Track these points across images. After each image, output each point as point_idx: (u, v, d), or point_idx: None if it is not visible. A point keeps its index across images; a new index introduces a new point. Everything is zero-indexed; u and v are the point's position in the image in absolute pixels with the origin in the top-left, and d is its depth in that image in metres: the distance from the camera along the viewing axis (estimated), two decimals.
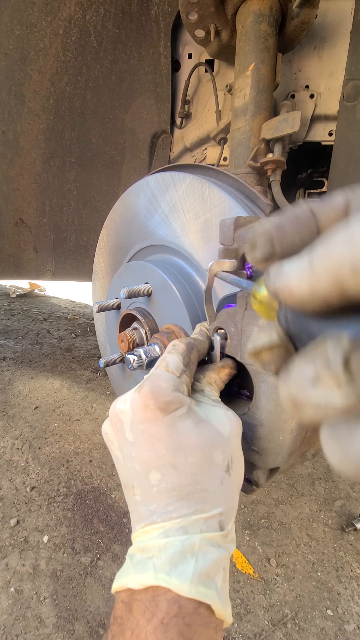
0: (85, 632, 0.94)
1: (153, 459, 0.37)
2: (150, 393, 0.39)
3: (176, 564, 0.33)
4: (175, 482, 0.36)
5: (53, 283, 4.61)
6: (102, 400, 1.99)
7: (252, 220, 0.50)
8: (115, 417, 0.41)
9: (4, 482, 1.39)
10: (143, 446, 0.38)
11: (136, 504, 0.38)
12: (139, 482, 0.38)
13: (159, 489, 0.37)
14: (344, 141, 0.98)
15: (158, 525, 0.36)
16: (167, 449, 0.37)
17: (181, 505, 0.36)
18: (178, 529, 0.35)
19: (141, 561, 0.35)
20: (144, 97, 1.26)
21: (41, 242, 1.63)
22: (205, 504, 0.36)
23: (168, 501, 0.36)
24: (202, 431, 0.38)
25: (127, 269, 0.91)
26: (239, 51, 0.90)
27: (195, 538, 0.34)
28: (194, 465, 0.37)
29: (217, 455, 0.38)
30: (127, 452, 0.40)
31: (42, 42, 1.26)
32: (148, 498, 0.37)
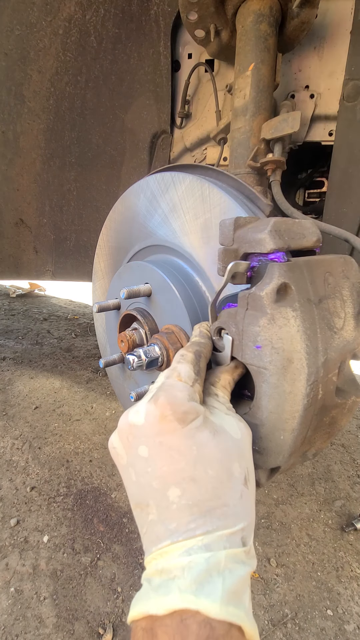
0: (85, 632, 0.94)
1: (172, 473, 0.35)
2: (167, 403, 0.37)
3: (203, 583, 0.31)
4: (197, 498, 0.34)
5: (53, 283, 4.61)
6: (102, 400, 1.99)
7: (252, 220, 0.50)
8: (126, 430, 0.39)
9: (4, 482, 1.39)
10: (161, 460, 0.36)
11: (151, 524, 0.36)
12: (155, 499, 0.36)
13: (179, 506, 0.34)
14: (344, 141, 0.98)
15: (180, 545, 0.33)
16: (187, 462, 0.35)
17: (204, 522, 0.34)
18: (201, 547, 0.33)
19: (162, 584, 0.32)
20: (144, 97, 1.26)
21: (41, 242, 1.63)
22: (227, 520, 0.34)
23: (190, 518, 0.34)
24: (220, 442, 0.37)
25: (127, 269, 0.91)
26: (239, 51, 0.89)
27: (220, 555, 0.32)
28: (215, 479, 0.35)
29: (235, 467, 0.36)
30: (140, 468, 0.37)
31: (42, 42, 1.26)
32: (167, 516, 0.35)
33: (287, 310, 0.42)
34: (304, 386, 0.43)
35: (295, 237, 0.47)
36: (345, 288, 0.50)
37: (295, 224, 0.48)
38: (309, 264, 0.46)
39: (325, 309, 0.46)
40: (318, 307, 0.45)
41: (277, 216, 0.59)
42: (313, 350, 0.43)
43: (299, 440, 0.45)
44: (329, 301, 0.47)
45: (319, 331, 0.44)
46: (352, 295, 0.50)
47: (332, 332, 0.46)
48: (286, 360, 0.42)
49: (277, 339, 0.42)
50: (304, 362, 0.42)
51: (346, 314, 0.49)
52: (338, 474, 1.61)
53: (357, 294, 0.51)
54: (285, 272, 0.43)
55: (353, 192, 0.99)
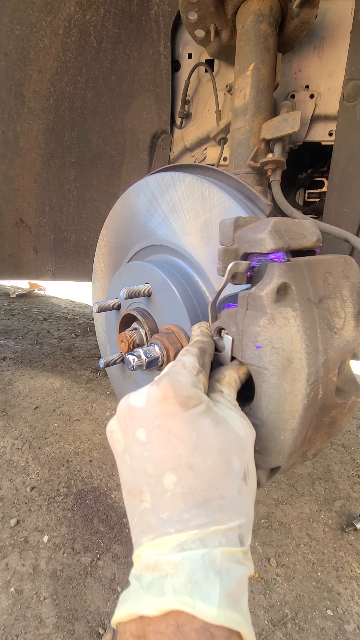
0: (85, 632, 0.94)
1: (168, 458, 0.34)
2: (169, 386, 0.36)
3: (199, 583, 0.28)
4: (193, 487, 0.33)
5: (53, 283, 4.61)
6: (102, 400, 1.99)
7: (252, 220, 0.50)
8: (125, 412, 0.38)
9: (4, 482, 1.39)
10: (158, 443, 0.35)
11: (143, 513, 0.34)
12: (149, 485, 0.34)
13: (174, 493, 0.33)
14: (344, 141, 0.98)
15: (172, 537, 0.31)
16: (185, 447, 0.34)
17: (198, 514, 0.32)
18: (195, 541, 0.30)
19: (154, 582, 0.30)
20: (144, 97, 1.26)
21: (41, 242, 1.63)
22: (223, 513, 0.32)
23: (184, 508, 0.32)
24: (221, 432, 0.36)
25: (127, 269, 0.91)
26: (239, 51, 0.89)
27: (216, 552, 0.30)
28: (213, 469, 0.33)
29: (234, 461, 0.35)
30: (136, 452, 0.36)
31: (42, 42, 1.26)
32: (160, 505, 0.33)
33: (287, 310, 0.42)
34: (304, 386, 0.43)
35: (295, 237, 0.47)
36: (345, 288, 0.50)
37: (295, 224, 0.48)
38: (309, 264, 0.46)
39: (325, 309, 0.46)
40: (318, 307, 0.45)
41: (277, 216, 0.59)
42: (313, 350, 0.43)
43: (299, 440, 0.45)
44: (329, 301, 0.47)
45: (319, 331, 0.44)
46: (352, 295, 0.50)
47: (332, 332, 0.46)
48: (286, 360, 0.42)
49: (277, 339, 0.42)
50: (304, 362, 0.42)
51: (346, 314, 0.49)
52: (338, 474, 1.61)
53: (357, 294, 0.51)
54: (285, 272, 0.43)
55: (353, 192, 1.00)
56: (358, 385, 0.52)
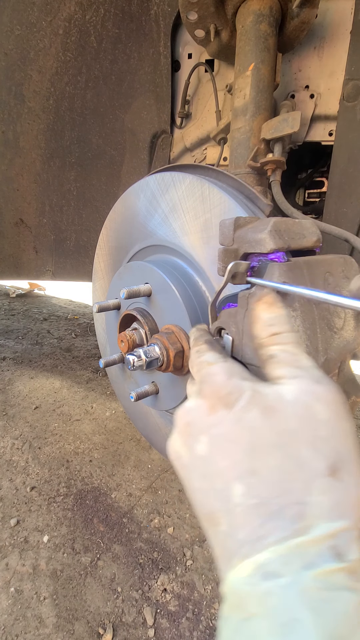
0: (85, 632, 0.94)
1: (231, 468, 0.30)
2: (212, 392, 0.33)
3: (288, 624, 0.22)
4: (261, 495, 0.28)
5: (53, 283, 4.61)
6: (102, 400, 1.99)
7: (252, 220, 0.50)
8: (184, 431, 0.35)
9: (4, 482, 1.39)
10: (217, 455, 0.31)
11: (221, 538, 0.29)
12: (221, 503, 0.30)
13: (245, 507, 0.28)
14: (344, 141, 0.98)
15: (250, 561, 0.26)
16: (243, 451, 0.30)
17: (275, 527, 0.26)
18: (275, 561, 0.25)
19: (240, 628, 0.24)
20: (144, 97, 1.26)
21: (41, 242, 1.63)
22: (304, 521, 0.26)
23: (257, 522, 0.27)
24: (275, 423, 0.29)
25: (127, 269, 0.91)
26: (239, 51, 0.89)
27: (305, 578, 0.23)
28: (278, 470, 0.28)
29: (305, 454, 0.28)
30: (202, 470, 0.32)
31: (42, 42, 1.26)
32: (234, 523, 0.28)
33: (287, 310, 0.42)
34: None
35: (295, 237, 0.47)
36: (345, 288, 0.50)
37: (295, 224, 0.48)
38: (309, 264, 0.46)
39: (325, 309, 0.46)
40: (318, 307, 0.45)
41: (277, 216, 0.59)
42: (313, 350, 0.43)
43: None
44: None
45: (319, 331, 0.44)
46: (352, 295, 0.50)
47: (332, 332, 0.46)
48: None
49: None
50: None
51: (346, 314, 0.49)
52: None
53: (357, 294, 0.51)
54: (285, 272, 0.43)
55: (353, 192, 1.00)
56: (358, 385, 0.52)
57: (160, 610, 1.00)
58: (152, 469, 1.49)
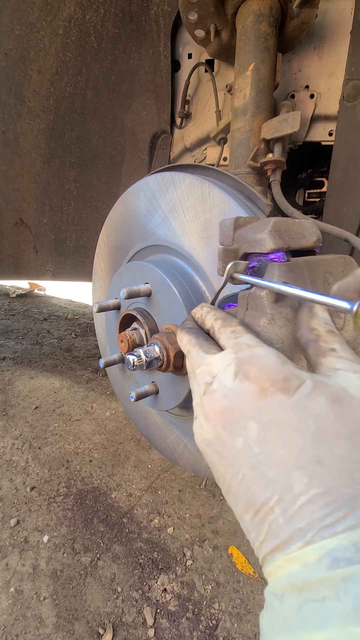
0: (85, 632, 0.94)
1: (291, 456, 0.29)
2: (262, 374, 0.31)
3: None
4: (329, 484, 0.27)
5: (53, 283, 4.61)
6: (102, 400, 1.99)
7: (252, 220, 0.50)
8: (222, 418, 0.33)
9: (4, 482, 1.39)
10: (274, 442, 0.29)
11: (272, 527, 0.28)
12: (276, 492, 0.29)
13: (309, 496, 0.27)
14: (344, 141, 0.98)
15: (317, 546, 0.26)
16: (306, 439, 0.28)
17: (345, 515, 0.26)
18: (348, 547, 0.25)
19: (306, 607, 0.24)
20: (144, 97, 1.26)
21: (41, 242, 1.63)
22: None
23: (325, 512, 0.26)
24: (344, 412, 0.29)
25: (127, 269, 0.91)
26: (239, 51, 0.90)
27: None
28: (347, 459, 0.27)
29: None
30: (248, 459, 0.31)
31: (42, 42, 1.26)
32: (294, 513, 0.27)
33: (287, 311, 0.42)
34: None
35: (295, 237, 0.47)
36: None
37: (295, 224, 0.48)
38: (309, 264, 0.46)
39: (325, 309, 0.46)
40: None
41: (277, 216, 0.59)
42: None
43: None
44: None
45: None
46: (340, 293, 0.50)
47: None
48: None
49: (278, 339, 0.42)
50: (304, 363, 0.42)
51: (346, 314, 0.49)
52: None
53: None
54: (285, 272, 0.43)
55: (353, 192, 1.00)
56: None
57: (160, 610, 1.00)
58: (152, 469, 1.49)
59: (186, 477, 1.45)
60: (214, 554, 1.15)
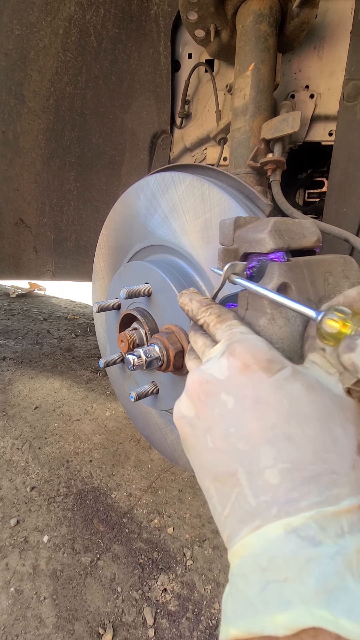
0: (85, 632, 0.94)
1: (262, 430, 0.29)
2: (247, 352, 0.32)
3: (335, 592, 0.22)
4: (296, 459, 0.28)
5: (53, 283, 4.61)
6: (102, 400, 1.99)
7: (252, 220, 0.50)
8: (200, 390, 0.34)
9: (4, 482, 1.39)
10: (247, 415, 0.30)
11: (239, 498, 0.29)
12: (243, 464, 0.29)
13: (275, 470, 0.28)
14: (344, 141, 0.98)
15: (282, 522, 0.26)
16: (278, 415, 0.29)
17: (309, 491, 0.26)
18: (312, 527, 0.25)
19: (269, 588, 0.24)
20: (144, 97, 1.26)
21: (41, 242, 1.63)
22: (339, 489, 0.26)
23: (290, 485, 0.27)
24: (316, 399, 0.30)
25: (127, 269, 0.91)
26: (239, 51, 0.89)
27: (349, 550, 0.23)
28: (315, 440, 0.28)
29: (338, 431, 0.29)
30: (221, 430, 0.31)
31: (42, 42, 1.26)
32: (260, 485, 0.28)
33: (288, 310, 0.42)
34: None
35: (295, 237, 0.47)
36: (345, 288, 0.50)
37: (295, 224, 0.48)
38: (309, 264, 0.46)
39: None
40: (318, 307, 0.45)
41: (277, 216, 0.59)
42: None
43: None
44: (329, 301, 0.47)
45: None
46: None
47: None
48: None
49: (278, 339, 0.42)
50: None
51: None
52: None
53: None
54: (285, 271, 0.43)
55: (353, 192, 1.00)
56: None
57: (160, 610, 1.00)
58: (152, 469, 1.49)
59: (186, 477, 1.45)
60: (214, 554, 1.15)
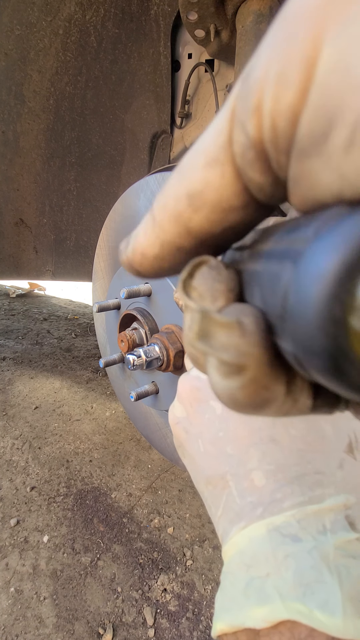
0: (85, 632, 0.94)
1: (248, 434, 0.30)
2: None
3: (311, 586, 0.23)
4: (280, 461, 0.28)
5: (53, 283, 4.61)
6: (102, 400, 1.99)
7: None
8: (190, 396, 0.35)
9: (4, 482, 1.39)
10: (233, 421, 0.31)
11: (228, 500, 0.30)
12: (231, 467, 0.30)
13: (260, 472, 0.29)
14: None
15: (265, 522, 0.26)
16: (264, 420, 0.30)
17: (292, 491, 0.27)
18: (292, 524, 0.25)
19: (252, 584, 0.25)
20: (144, 97, 1.26)
21: (41, 242, 1.63)
22: (323, 490, 0.27)
23: (274, 486, 0.27)
24: None
25: None
26: (239, 51, 0.90)
27: (327, 546, 0.24)
28: (299, 440, 0.29)
29: (326, 429, 0.29)
30: (210, 435, 0.32)
31: (42, 42, 1.26)
32: (247, 487, 0.29)
33: None
34: None
35: None
36: None
37: None
38: None
39: None
40: None
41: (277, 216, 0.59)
42: None
43: None
44: None
45: None
46: None
47: None
48: None
49: None
50: None
51: None
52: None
53: None
54: None
55: None
56: None
57: (160, 610, 1.00)
58: (152, 469, 1.49)
59: (186, 477, 1.45)
60: (214, 554, 1.15)
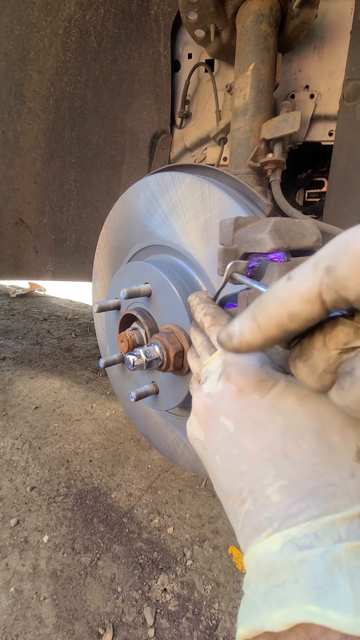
0: (85, 632, 0.94)
1: (261, 451, 0.31)
2: (241, 376, 0.34)
3: (324, 588, 0.24)
4: (293, 476, 0.29)
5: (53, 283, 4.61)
6: (102, 400, 1.99)
7: (252, 220, 0.50)
8: (205, 414, 0.36)
9: (4, 482, 1.39)
10: (246, 438, 0.32)
11: (247, 516, 0.30)
12: (247, 483, 0.31)
13: (274, 488, 0.29)
14: (344, 141, 0.98)
15: (281, 534, 0.27)
16: (275, 435, 0.31)
17: (307, 505, 0.27)
18: (308, 535, 0.26)
19: (271, 591, 0.26)
20: (144, 97, 1.26)
21: (41, 242, 1.63)
22: (336, 501, 0.27)
23: (289, 502, 0.28)
24: (310, 409, 0.31)
25: (127, 269, 0.91)
26: (239, 51, 0.89)
27: (338, 549, 0.25)
28: (310, 453, 0.29)
29: (335, 440, 0.30)
30: (226, 452, 0.33)
31: (42, 42, 1.26)
32: (263, 503, 0.30)
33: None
34: None
35: (295, 237, 0.47)
36: None
37: (295, 224, 0.48)
38: None
39: None
40: None
41: (277, 216, 0.59)
42: None
43: None
44: None
45: None
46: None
47: None
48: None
49: None
50: None
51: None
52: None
53: None
54: (285, 271, 0.43)
55: (353, 192, 1.00)
56: None
57: (160, 610, 1.00)
58: (152, 469, 1.49)
59: (186, 477, 1.45)
60: (214, 554, 1.15)
